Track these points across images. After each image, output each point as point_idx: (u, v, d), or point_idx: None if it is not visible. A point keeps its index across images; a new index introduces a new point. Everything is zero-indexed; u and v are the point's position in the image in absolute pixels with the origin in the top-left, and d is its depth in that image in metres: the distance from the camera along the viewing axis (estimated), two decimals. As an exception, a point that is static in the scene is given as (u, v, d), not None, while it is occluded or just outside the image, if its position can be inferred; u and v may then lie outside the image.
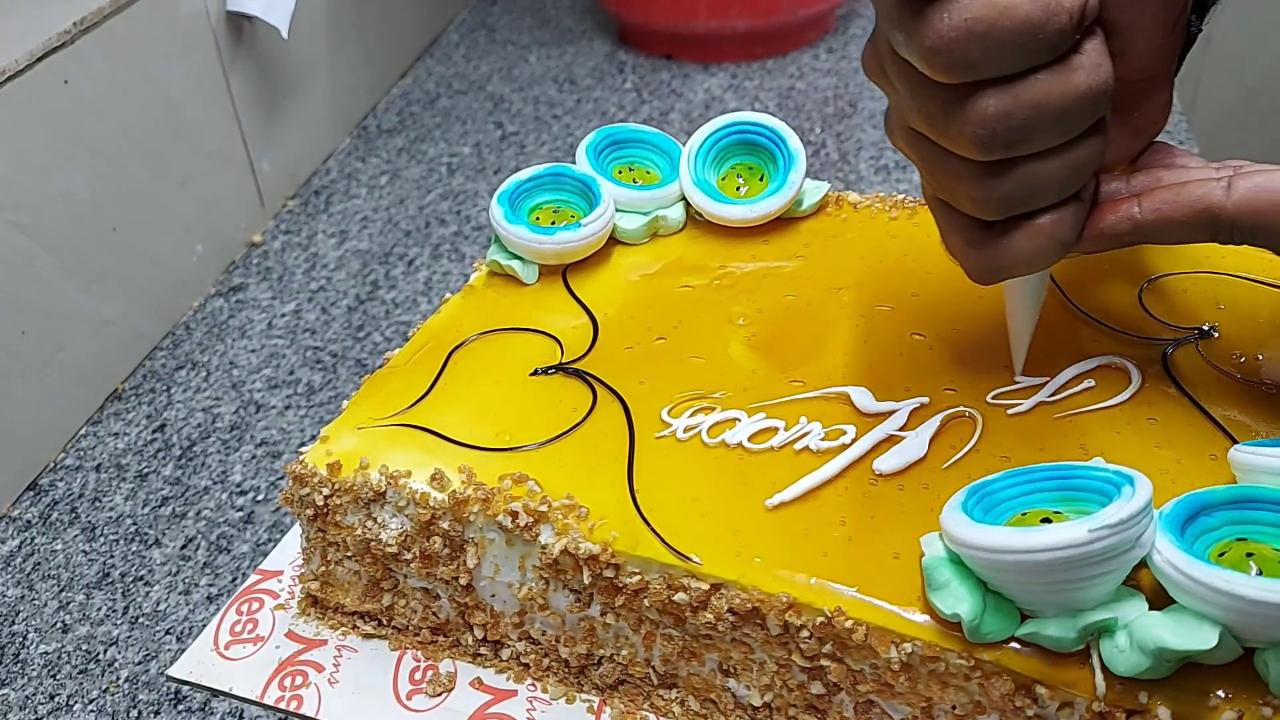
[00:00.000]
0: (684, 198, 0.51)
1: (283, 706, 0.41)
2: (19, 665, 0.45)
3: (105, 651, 0.45)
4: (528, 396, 0.42)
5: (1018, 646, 0.31)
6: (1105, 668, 0.30)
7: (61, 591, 0.48)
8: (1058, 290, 0.44)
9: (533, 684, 0.41)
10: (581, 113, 0.86)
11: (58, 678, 0.44)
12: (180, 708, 0.42)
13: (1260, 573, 0.28)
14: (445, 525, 0.38)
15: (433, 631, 0.43)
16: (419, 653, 0.43)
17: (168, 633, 0.46)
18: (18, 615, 0.47)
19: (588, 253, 0.49)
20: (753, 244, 0.49)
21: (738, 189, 0.51)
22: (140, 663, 0.45)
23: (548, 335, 0.45)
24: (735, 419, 0.40)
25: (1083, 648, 0.30)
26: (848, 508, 0.36)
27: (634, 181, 0.52)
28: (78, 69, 0.56)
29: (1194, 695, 0.29)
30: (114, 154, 0.59)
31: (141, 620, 0.47)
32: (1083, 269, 0.45)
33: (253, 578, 0.47)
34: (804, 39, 0.93)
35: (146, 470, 0.55)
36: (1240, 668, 0.29)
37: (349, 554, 0.42)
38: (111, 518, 0.52)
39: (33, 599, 0.48)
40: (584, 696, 0.40)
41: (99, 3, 0.57)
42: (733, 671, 0.37)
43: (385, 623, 0.43)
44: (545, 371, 0.43)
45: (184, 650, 0.44)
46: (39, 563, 0.50)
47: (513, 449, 0.40)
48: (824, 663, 0.34)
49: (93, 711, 0.43)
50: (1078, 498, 0.31)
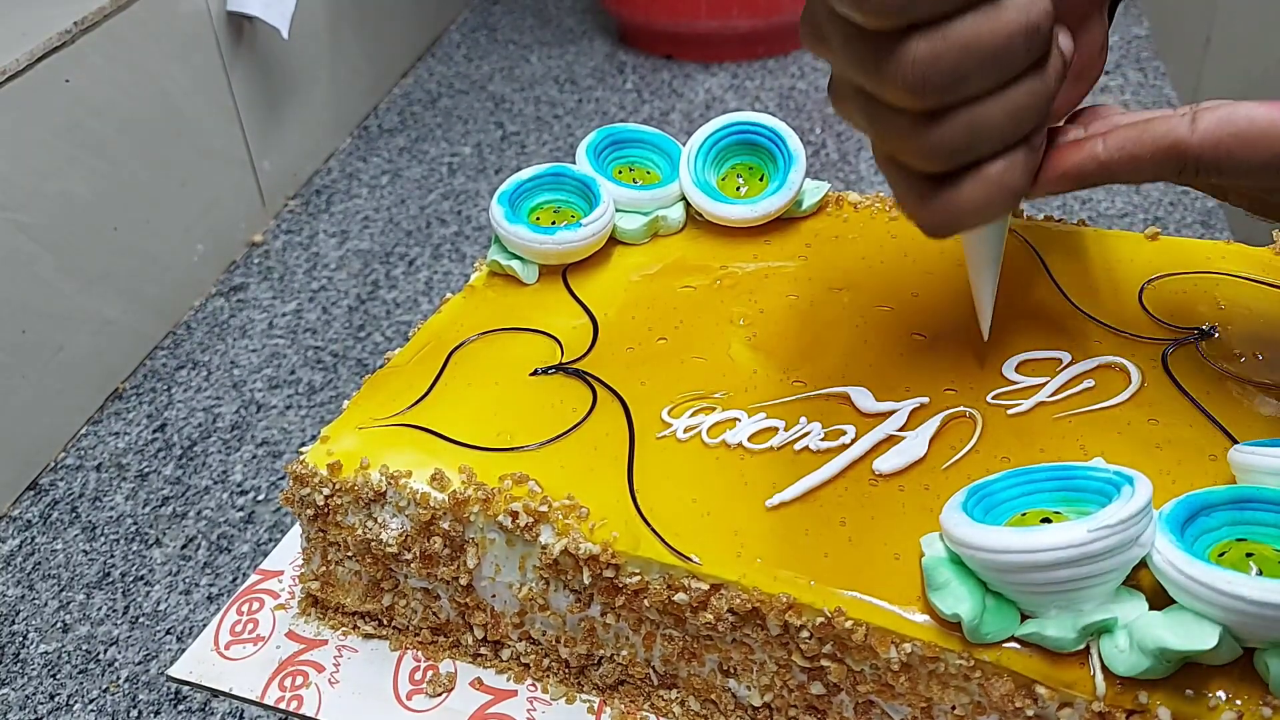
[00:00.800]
0: (684, 198, 0.51)
1: (283, 706, 0.41)
2: (19, 665, 0.45)
3: (105, 651, 0.45)
4: (528, 396, 0.42)
5: (1018, 646, 0.31)
6: (1105, 668, 0.30)
7: (62, 591, 0.48)
8: (1058, 290, 0.44)
9: (533, 684, 0.41)
10: (582, 113, 0.86)
11: (58, 677, 0.44)
12: (180, 708, 0.42)
13: (1260, 573, 0.28)
14: (445, 525, 0.38)
15: (433, 631, 0.42)
16: (419, 653, 0.43)
17: (168, 633, 0.46)
18: (18, 615, 0.47)
19: (588, 253, 0.49)
20: (753, 244, 0.49)
21: (738, 189, 0.51)
22: (140, 663, 0.45)
23: (548, 335, 0.45)
24: (735, 419, 0.40)
25: (1083, 648, 0.30)
26: (848, 508, 0.36)
27: (634, 181, 0.52)
28: (78, 69, 0.56)
29: (1194, 695, 0.29)
30: (114, 154, 0.59)
31: (141, 620, 0.47)
32: (1083, 269, 0.45)
33: (253, 578, 0.47)
34: (804, 39, 0.93)
35: (147, 470, 0.55)
36: (1240, 668, 0.29)
37: (349, 554, 0.42)
38: (112, 517, 0.52)
39: (33, 599, 0.48)
40: (584, 697, 0.40)
41: (99, 3, 0.57)
42: (733, 672, 0.37)
43: (385, 623, 0.43)
44: (545, 372, 0.43)
45: (184, 650, 0.44)
46: (39, 562, 0.50)
47: (513, 449, 0.40)
48: (824, 663, 0.34)
49: (93, 711, 0.43)
50: (1078, 498, 0.31)
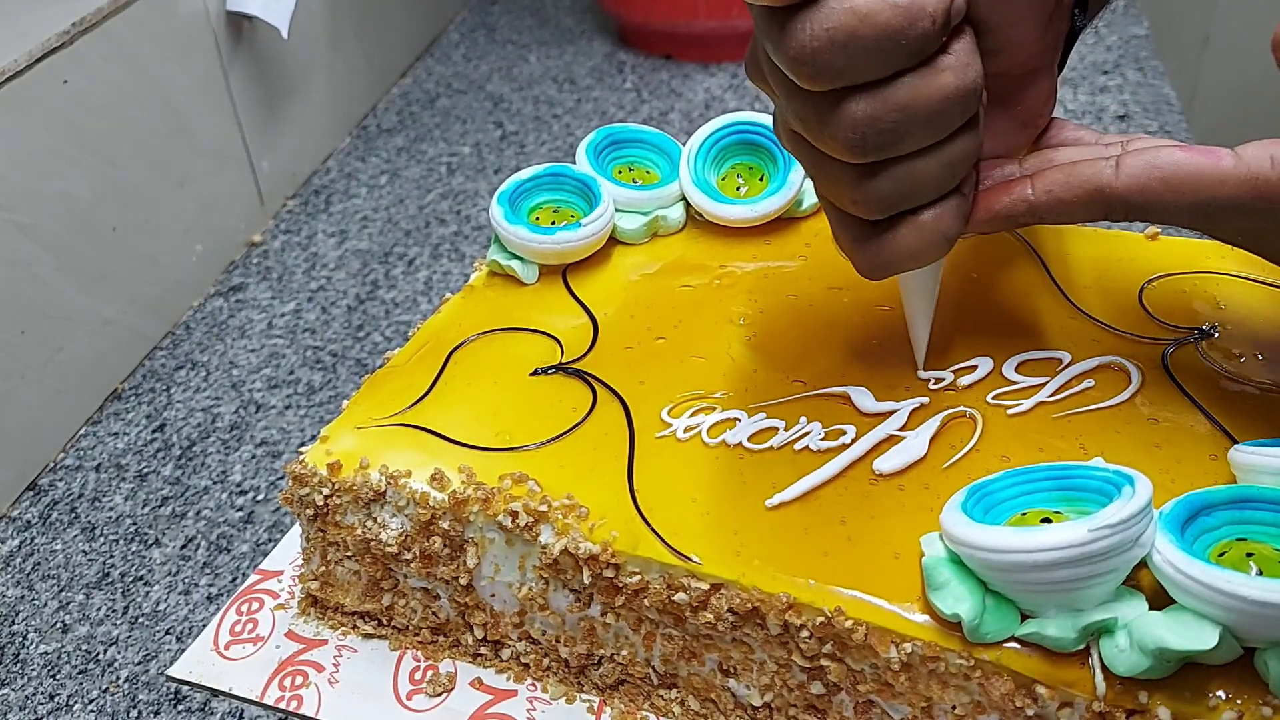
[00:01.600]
0: (684, 198, 0.51)
1: (283, 706, 0.41)
2: (19, 665, 0.45)
3: (105, 651, 0.45)
4: (528, 396, 0.42)
5: (1018, 646, 0.31)
6: (1105, 668, 0.30)
7: (61, 591, 0.48)
8: (1058, 290, 0.44)
9: (533, 684, 0.41)
10: (581, 113, 0.86)
11: (58, 678, 0.44)
12: (180, 708, 0.42)
13: (1260, 573, 0.28)
14: (445, 525, 0.38)
15: (433, 631, 0.42)
16: (419, 653, 0.43)
17: (168, 633, 0.46)
18: (18, 615, 0.47)
19: (588, 253, 0.49)
20: (753, 244, 0.49)
21: (738, 189, 0.51)
22: (140, 663, 0.45)
23: (548, 335, 0.45)
24: (735, 419, 0.40)
25: (1083, 648, 0.30)
26: (848, 508, 0.36)
27: (634, 181, 0.52)
28: (77, 69, 0.56)
29: (1194, 695, 0.29)
30: (114, 154, 0.59)
31: (141, 620, 0.47)
32: (1083, 269, 0.45)
33: (253, 578, 0.47)
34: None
35: (146, 470, 0.55)
36: (1240, 668, 0.29)
37: (349, 554, 0.42)
38: (111, 518, 0.52)
39: (33, 599, 0.48)
40: (584, 696, 0.40)
41: (99, 3, 0.57)
42: (733, 671, 0.37)
43: (385, 623, 0.43)
44: (545, 371, 0.43)
45: (184, 650, 0.44)
46: (39, 563, 0.50)
47: (513, 449, 0.40)
48: (824, 663, 0.34)
49: (93, 711, 0.43)
50: (1078, 498, 0.31)
